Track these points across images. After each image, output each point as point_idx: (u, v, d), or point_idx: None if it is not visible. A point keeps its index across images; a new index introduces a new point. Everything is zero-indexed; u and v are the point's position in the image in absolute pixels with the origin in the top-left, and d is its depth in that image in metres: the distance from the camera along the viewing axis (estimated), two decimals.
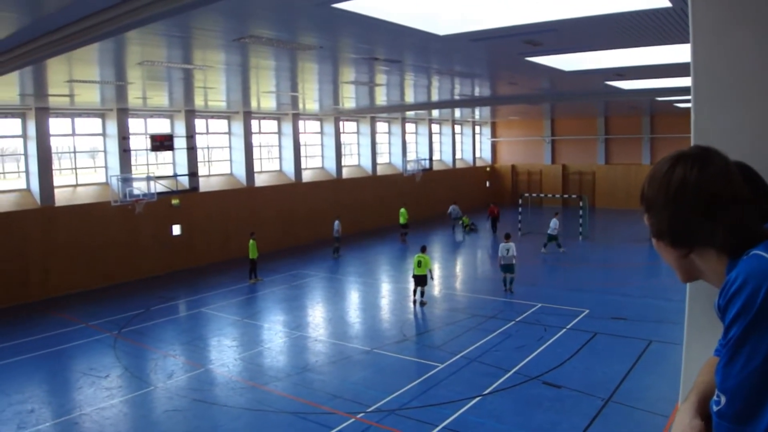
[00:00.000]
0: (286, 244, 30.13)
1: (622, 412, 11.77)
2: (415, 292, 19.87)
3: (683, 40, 11.08)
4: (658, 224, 1.53)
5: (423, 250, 20.37)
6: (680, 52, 12.49)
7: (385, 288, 23.20)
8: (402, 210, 32.86)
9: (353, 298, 22.16)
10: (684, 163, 1.47)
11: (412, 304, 19.61)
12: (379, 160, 39.00)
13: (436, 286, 20.43)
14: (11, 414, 12.26)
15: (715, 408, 1.30)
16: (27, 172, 22.25)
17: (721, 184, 1.43)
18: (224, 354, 15.95)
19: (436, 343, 15.93)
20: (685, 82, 18.42)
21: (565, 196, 39.21)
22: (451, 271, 26.31)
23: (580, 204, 31.73)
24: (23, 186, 22.28)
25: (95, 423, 11.93)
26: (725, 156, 1.47)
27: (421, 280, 19.61)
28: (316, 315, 19.93)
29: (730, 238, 1.42)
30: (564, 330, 16.60)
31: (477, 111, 39.35)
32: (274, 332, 17.80)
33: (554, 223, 27.41)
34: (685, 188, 1.44)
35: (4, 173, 22.94)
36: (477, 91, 23.98)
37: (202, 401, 12.89)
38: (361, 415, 12.01)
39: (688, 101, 25.52)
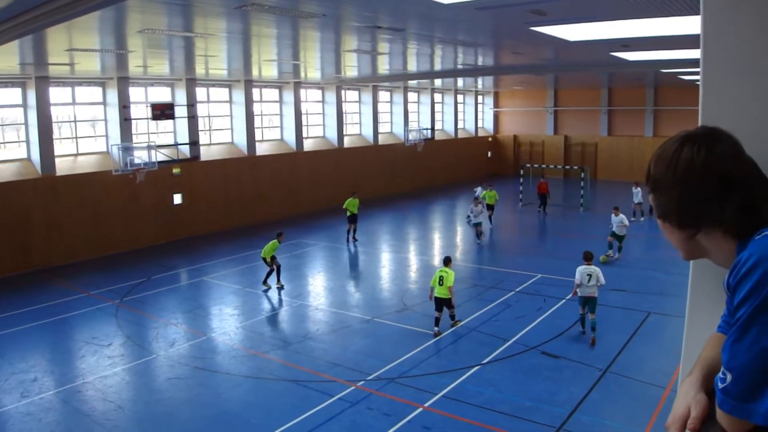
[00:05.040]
0: (287, 213, 30.14)
1: (619, 382, 11.88)
2: (437, 321, 14.49)
3: (691, 12, 10.96)
4: (665, 206, 1.52)
5: (446, 262, 14.95)
6: (688, 24, 12.36)
7: (386, 257, 23.25)
8: (351, 200, 25.16)
9: (354, 267, 22.24)
10: (691, 143, 1.46)
11: (433, 336, 14.45)
12: (381, 129, 38.81)
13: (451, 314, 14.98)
14: (15, 383, 12.38)
15: (720, 385, 1.31)
16: (27, 141, 22.16)
17: (729, 164, 1.42)
18: (225, 322, 16.06)
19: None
20: (691, 54, 18.26)
21: (567, 167, 39.10)
22: (452, 241, 26.36)
23: (582, 175, 31.67)
24: (24, 155, 22.21)
25: (98, 391, 12.05)
26: (733, 136, 1.46)
27: (446, 303, 14.46)
28: (317, 284, 20.02)
29: (738, 219, 1.41)
30: (563, 301, 16.67)
31: (480, 80, 39.08)
32: (275, 301, 17.89)
33: (617, 220, 20.81)
34: (692, 169, 1.43)
35: (4, 143, 22.85)
36: (480, 61, 23.79)
37: (204, 369, 13.01)
38: (361, 383, 12.13)
39: (693, 73, 25.37)
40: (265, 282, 18.64)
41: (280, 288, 18.71)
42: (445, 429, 10.29)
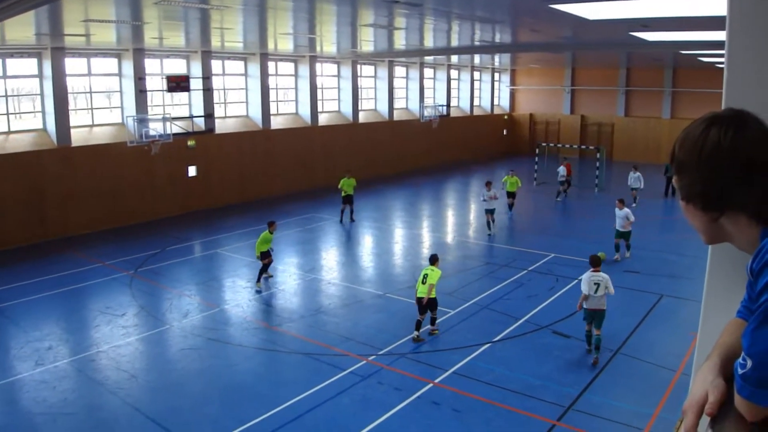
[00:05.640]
0: (300, 187, 30.18)
1: (630, 364, 11.89)
2: (419, 324, 13.07)
3: None
4: (689, 187, 1.50)
5: (433, 260, 13.61)
6: (710, 5, 12.17)
7: (399, 233, 23.27)
8: (345, 180, 24.11)
9: (367, 243, 22.29)
10: (718, 125, 1.43)
11: (412, 340, 12.98)
12: (396, 105, 38.68)
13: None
14: (30, 351, 12.55)
15: (740, 371, 1.30)
16: (43, 112, 22.20)
17: (757, 148, 1.39)
18: (239, 295, 16.16)
19: (447, 289, 15.97)
20: (712, 36, 18.00)
21: (583, 147, 38.81)
22: (465, 219, 26.31)
23: (597, 156, 31.43)
24: (40, 126, 22.29)
25: (112, 360, 12.20)
26: (760, 119, 1.44)
27: (426, 304, 13.02)
28: (330, 258, 20.10)
29: (764, 203, 1.40)
30: (576, 281, 16.55)
31: (497, 58, 38.79)
32: (288, 274, 17.98)
33: (621, 215, 18.74)
34: (718, 151, 1.41)
35: (20, 113, 22.93)
36: (498, 38, 23.59)
37: (217, 340, 13.13)
38: (373, 357, 12.21)
39: (713, 56, 25.02)
40: (259, 280, 16.46)
41: (259, 291, 16.29)
42: (454, 405, 10.36)
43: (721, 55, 1.86)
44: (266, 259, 16.49)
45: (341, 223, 24.03)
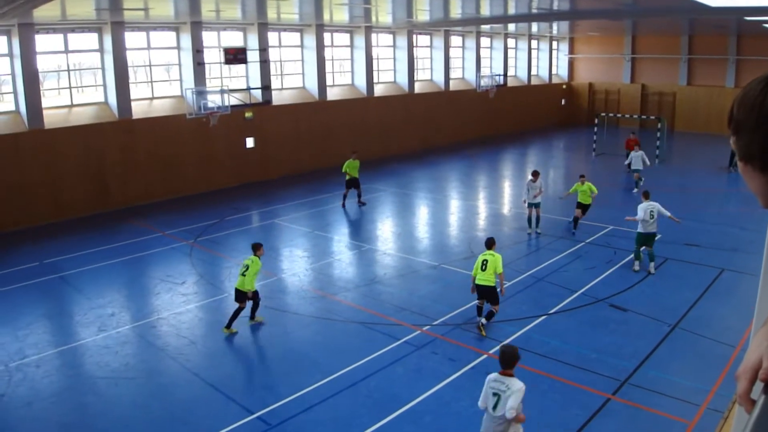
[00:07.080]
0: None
1: (688, 339, 11.67)
2: (480, 310, 12.21)
3: None
4: (747, 147, 1.46)
5: (490, 244, 12.49)
6: None
7: (454, 204, 23.19)
8: (350, 162, 22.21)
9: (422, 214, 22.30)
10: None
11: (478, 329, 12.04)
12: (452, 75, 38.24)
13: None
14: (93, 317, 13.01)
15: None
16: (104, 85, 22.70)
17: None
18: (295, 264, 16.39)
19: (504, 261, 15.86)
20: None
21: (644, 117, 37.83)
22: (521, 190, 26.01)
23: (658, 126, 30.63)
24: (101, 99, 22.81)
25: (172, 327, 12.56)
26: None
27: (489, 294, 12.05)
28: (385, 229, 20.17)
29: None
30: (634, 254, 16.33)
31: (555, 26, 37.97)
32: (344, 244, 18.15)
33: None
34: None
35: (82, 87, 23.50)
36: (556, 5, 23.08)
37: (274, 308, 13.36)
38: (427, 327, 12.27)
39: None
40: (253, 317, 12.75)
41: (259, 323, 12.74)
42: None
43: None
44: (256, 298, 12.62)
45: (343, 208, 22.11)
